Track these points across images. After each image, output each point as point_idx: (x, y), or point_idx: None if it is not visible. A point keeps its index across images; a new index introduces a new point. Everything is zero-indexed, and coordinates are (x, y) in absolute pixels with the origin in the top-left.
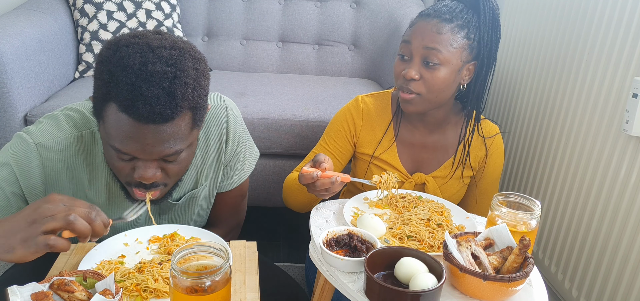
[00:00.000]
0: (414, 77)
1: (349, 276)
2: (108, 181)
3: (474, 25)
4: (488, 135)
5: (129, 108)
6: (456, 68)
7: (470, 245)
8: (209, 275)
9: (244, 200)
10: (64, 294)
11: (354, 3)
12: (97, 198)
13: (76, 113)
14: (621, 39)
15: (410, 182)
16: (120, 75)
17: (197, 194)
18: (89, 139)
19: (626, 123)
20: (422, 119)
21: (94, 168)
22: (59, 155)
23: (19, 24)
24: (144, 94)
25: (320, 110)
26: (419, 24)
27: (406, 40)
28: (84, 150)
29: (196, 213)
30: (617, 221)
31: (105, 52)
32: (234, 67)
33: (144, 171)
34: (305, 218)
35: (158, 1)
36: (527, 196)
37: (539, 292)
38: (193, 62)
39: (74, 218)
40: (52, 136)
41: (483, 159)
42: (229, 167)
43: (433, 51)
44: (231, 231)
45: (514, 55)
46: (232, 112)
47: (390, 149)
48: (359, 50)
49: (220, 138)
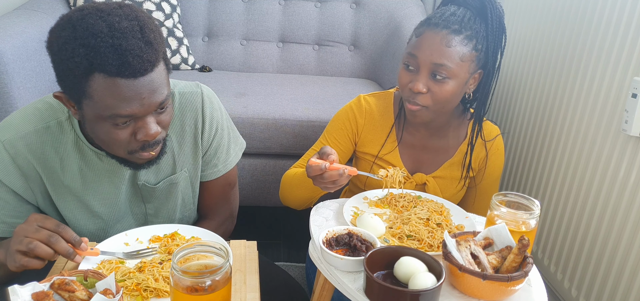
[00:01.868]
0: (422, 91)
1: (348, 276)
2: (81, 167)
3: (482, 35)
4: (489, 138)
5: (120, 68)
6: (464, 80)
7: (469, 245)
8: (210, 275)
9: (233, 189)
10: (64, 293)
11: (354, 3)
12: (73, 185)
13: (43, 105)
14: (621, 39)
15: (411, 182)
16: (96, 43)
17: (176, 180)
18: (57, 129)
19: (625, 123)
20: (425, 124)
21: (65, 157)
22: (26, 148)
23: (19, 24)
24: (128, 49)
25: (320, 110)
26: (426, 34)
27: (412, 53)
28: (51, 141)
29: (180, 201)
30: (616, 220)
31: (63, 32)
32: (234, 67)
33: (148, 128)
34: (305, 218)
35: (158, 1)
36: (526, 196)
37: (538, 292)
38: (143, 13)
39: (34, 246)
40: (17, 131)
41: (483, 160)
42: (210, 154)
43: (442, 66)
44: (224, 222)
45: (514, 55)
46: (208, 98)
47: (393, 152)
48: (359, 50)
49: (195, 124)
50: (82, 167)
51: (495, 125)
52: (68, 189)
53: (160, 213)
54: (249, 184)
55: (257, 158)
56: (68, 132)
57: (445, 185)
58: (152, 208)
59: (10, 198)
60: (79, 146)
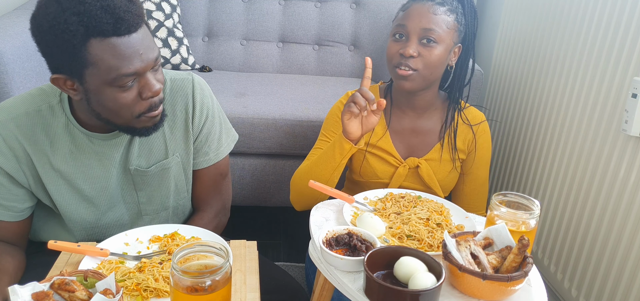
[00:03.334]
0: (413, 54)
1: (348, 276)
2: (71, 149)
3: (460, 11)
4: (474, 121)
5: (115, 26)
6: (449, 47)
7: (469, 245)
8: (210, 275)
9: (226, 180)
10: (64, 293)
11: (354, 3)
12: (63, 167)
13: (36, 91)
14: (621, 39)
15: (404, 166)
16: (86, 8)
17: (168, 165)
18: (48, 112)
19: (625, 123)
20: (411, 104)
21: (55, 139)
22: (17, 129)
23: (19, 24)
24: (117, 6)
25: (320, 110)
26: (413, 7)
27: (401, 23)
28: (42, 124)
29: (173, 187)
30: (616, 221)
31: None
32: (234, 67)
33: (152, 84)
34: (305, 218)
35: (159, 1)
36: (526, 196)
37: (538, 292)
38: None
39: None
40: (8, 113)
41: (472, 142)
42: (201, 141)
43: (430, 30)
44: (218, 214)
45: (514, 55)
46: (199, 85)
47: (384, 137)
48: (359, 50)
49: (186, 109)
50: (72, 150)
51: (481, 111)
52: (58, 172)
53: (153, 200)
54: (249, 184)
55: (257, 158)
56: (59, 115)
57: (437, 168)
58: (144, 196)
59: (4, 179)
60: (69, 129)
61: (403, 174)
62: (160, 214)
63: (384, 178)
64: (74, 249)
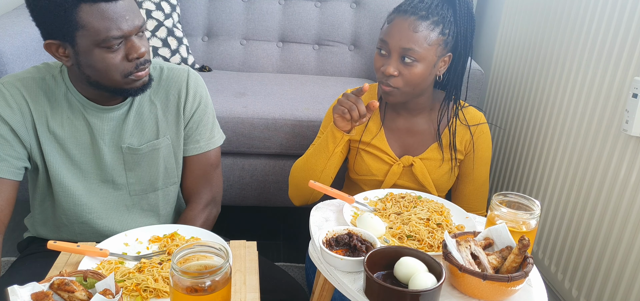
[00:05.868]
0: (393, 74)
1: (348, 276)
2: (68, 115)
3: (449, 20)
4: (472, 121)
5: None
6: (432, 63)
7: (469, 245)
8: (209, 275)
9: (216, 171)
10: (64, 294)
11: (354, 3)
12: (58, 131)
13: (41, 64)
14: (621, 39)
15: (398, 164)
16: None
17: (158, 145)
18: (51, 81)
19: (626, 123)
20: (405, 106)
21: (55, 105)
22: (24, 89)
23: (19, 24)
24: None
25: (320, 110)
26: (396, 21)
27: (384, 39)
28: (45, 89)
29: (163, 169)
30: (616, 221)
31: None
32: (234, 67)
33: (137, 46)
34: (305, 218)
35: (158, 1)
36: (526, 196)
37: (538, 292)
38: None
39: None
40: (16, 76)
41: (469, 143)
42: (192, 127)
43: (410, 50)
44: (207, 205)
45: (514, 55)
46: (194, 75)
47: (379, 135)
48: (359, 50)
49: (179, 94)
50: (68, 116)
51: (480, 111)
52: (53, 135)
53: (142, 179)
54: (248, 184)
55: (257, 158)
56: (60, 84)
57: (432, 167)
58: (133, 177)
59: (8, 134)
60: (68, 97)
61: (397, 172)
62: (149, 196)
63: (379, 175)
64: (73, 249)
